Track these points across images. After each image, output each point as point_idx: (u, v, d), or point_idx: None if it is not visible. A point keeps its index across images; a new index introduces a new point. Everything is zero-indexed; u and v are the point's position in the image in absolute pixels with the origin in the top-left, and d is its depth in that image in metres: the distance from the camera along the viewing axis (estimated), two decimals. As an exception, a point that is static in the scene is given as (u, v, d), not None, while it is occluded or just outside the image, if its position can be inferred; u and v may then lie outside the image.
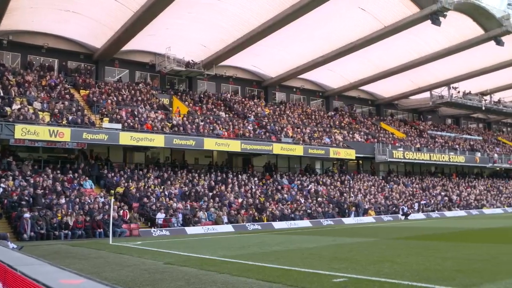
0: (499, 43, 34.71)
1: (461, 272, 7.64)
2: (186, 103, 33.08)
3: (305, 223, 25.96)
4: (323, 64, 37.31)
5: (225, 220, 23.84)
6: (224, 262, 10.20)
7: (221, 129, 30.17)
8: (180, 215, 22.69)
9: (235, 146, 28.95)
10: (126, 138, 24.79)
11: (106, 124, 25.22)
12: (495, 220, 25.31)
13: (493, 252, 10.53)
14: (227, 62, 36.65)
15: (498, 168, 50.17)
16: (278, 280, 7.48)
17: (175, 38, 32.53)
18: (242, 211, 25.25)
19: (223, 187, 27.40)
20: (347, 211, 29.92)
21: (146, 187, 24.81)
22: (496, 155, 48.11)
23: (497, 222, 23.09)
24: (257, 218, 25.10)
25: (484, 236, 15.58)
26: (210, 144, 27.94)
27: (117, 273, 8.79)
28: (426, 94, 47.05)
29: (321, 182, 33.59)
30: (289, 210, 27.11)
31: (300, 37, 33.84)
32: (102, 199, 22.05)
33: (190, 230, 21.70)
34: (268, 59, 38.00)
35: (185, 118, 29.73)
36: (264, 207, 26.37)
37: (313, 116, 40.97)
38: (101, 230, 19.60)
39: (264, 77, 40.92)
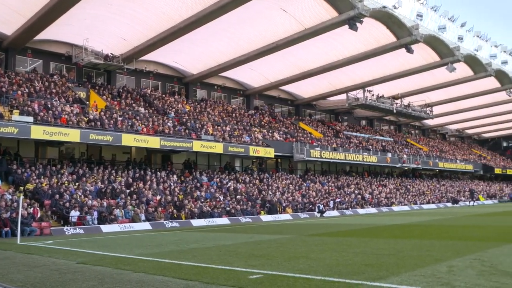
0: (409, 50, 36.85)
1: (370, 266, 8.06)
2: (104, 97, 32.06)
3: (224, 220, 26.11)
4: (244, 62, 37.66)
5: (143, 217, 23.40)
6: (140, 260, 10.03)
7: (140, 125, 29.56)
8: (95, 213, 21.96)
9: (154, 142, 28.49)
10: (38, 132, 23.58)
11: (16, 116, 23.80)
12: (402, 216, 26.85)
13: (398, 246, 11.18)
14: (148, 57, 35.96)
15: (406, 168, 53.28)
16: (195, 277, 7.48)
17: (94, 30, 31.39)
18: (160, 209, 24.91)
19: (141, 184, 26.86)
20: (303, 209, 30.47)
21: (59, 183, 23.73)
22: (405, 156, 51.04)
23: (404, 218, 24.52)
24: (175, 215, 24.87)
25: (391, 231, 16.49)
26: (128, 140, 27.29)
27: (24, 274, 8.37)
28: (343, 96, 48.92)
29: (240, 180, 33.89)
30: (208, 207, 27.11)
31: (222, 35, 33.91)
32: (10, 196, 20.82)
33: (105, 228, 21.08)
34: (190, 56, 37.72)
35: (102, 113, 28.80)
36: (182, 205, 26.17)
37: (234, 114, 41.23)
38: (8, 229, 18.50)
39: (185, 74, 40.58)
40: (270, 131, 40.50)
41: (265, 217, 28.59)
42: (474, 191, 51.17)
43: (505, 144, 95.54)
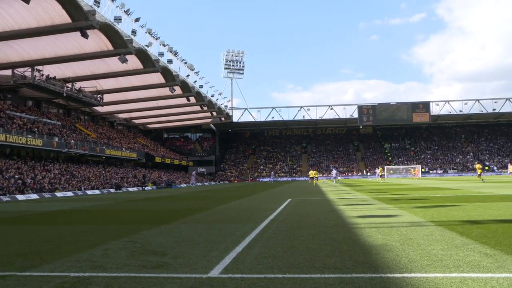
0: (84, 35, 36.51)
1: (23, 256, 7.70)
2: None
3: None
4: None
5: None
6: None
7: None
8: None
9: None
10: None
11: None
12: (64, 202, 26.35)
13: (57, 233, 11.01)
14: None
15: (73, 153, 52.53)
16: None
17: None
18: None
19: None
20: None
21: None
22: (72, 141, 50.24)
23: (66, 204, 24.15)
24: None
25: (51, 218, 16.02)
26: None
27: None
28: (8, 72, 44.74)
29: None
30: None
31: None
32: None
33: None
34: None
35: None
36: None
37: None
38: None
39: None
40: None
41: None
42: (146, 176, 54.46)
43: (165, 135, 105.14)
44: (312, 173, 51.24)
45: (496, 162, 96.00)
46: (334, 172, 54.17)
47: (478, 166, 45.64)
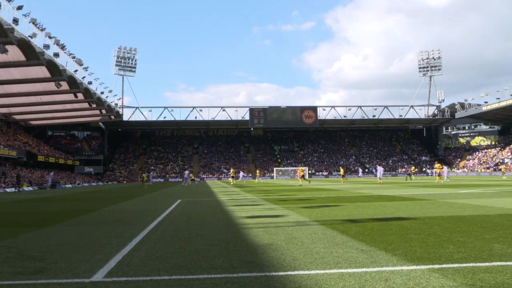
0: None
1: None
2: None
3: None
4: None
5: None
6: None
7: None
8: None
9: None
10: None
11: None
12: None
13: None
14: None
15: None
16: None
17: None
18: None
19: None
20: None
21: None
22: None
23: None
24: None
25: None
26: None
27: None
28: None
29: None
30: None
31: None
32: None
33: None
34: None
35: None
36: None
37: None
38: None
39: None
40: None
41: None
42: (20, 176, 50.58)
43: (50, 133, 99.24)
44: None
45: (374, 165, 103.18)
46: (186, 173, 59.33)
47: (342, 170, 52.30)
